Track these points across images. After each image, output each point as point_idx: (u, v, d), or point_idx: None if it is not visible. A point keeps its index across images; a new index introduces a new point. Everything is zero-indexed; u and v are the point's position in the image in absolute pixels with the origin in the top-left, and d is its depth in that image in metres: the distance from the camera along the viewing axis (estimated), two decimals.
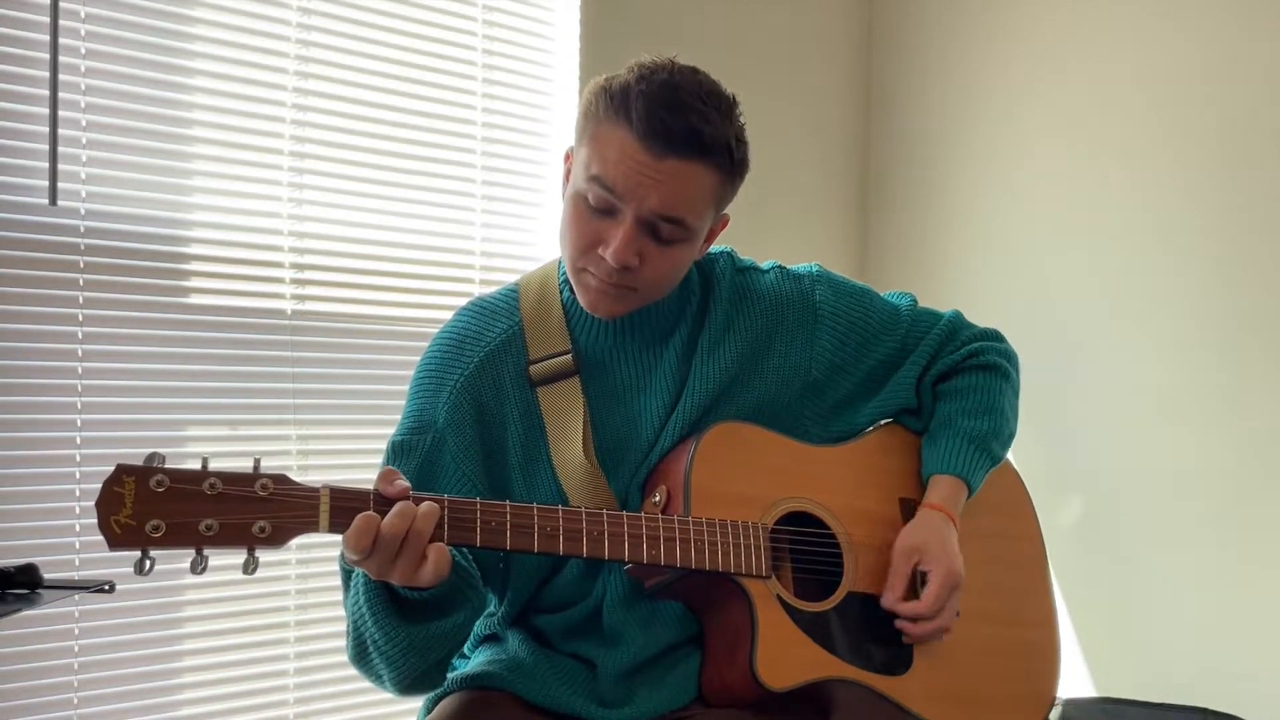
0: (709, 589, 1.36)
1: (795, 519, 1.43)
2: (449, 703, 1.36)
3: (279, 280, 2.19)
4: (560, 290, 1.46)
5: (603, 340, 1.44)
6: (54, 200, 1.83)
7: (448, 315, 1.50)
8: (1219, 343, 2.60)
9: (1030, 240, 2.91)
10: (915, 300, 1.61)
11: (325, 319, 2.24)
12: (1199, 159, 2.63)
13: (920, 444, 1.56)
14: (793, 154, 3.03)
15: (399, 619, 1.24)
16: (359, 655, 1.31)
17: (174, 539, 1.08)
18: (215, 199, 2.12)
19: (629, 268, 1.32)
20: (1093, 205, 2.80)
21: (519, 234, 2.53)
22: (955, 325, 1.60)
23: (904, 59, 3.18)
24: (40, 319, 1.91)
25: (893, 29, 3.21)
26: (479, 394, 1.40)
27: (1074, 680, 2.73)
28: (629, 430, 1.43)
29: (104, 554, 1.90)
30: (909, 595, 1.43)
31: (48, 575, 1.44)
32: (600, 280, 1.34)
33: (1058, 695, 1.57)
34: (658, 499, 1.37)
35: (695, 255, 1.42)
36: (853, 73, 3.21)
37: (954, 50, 3.07)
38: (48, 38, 1.84)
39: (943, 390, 1.58)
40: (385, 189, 2.32)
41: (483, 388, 1.40)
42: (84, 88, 1.94)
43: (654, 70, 1.32)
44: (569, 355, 1.41)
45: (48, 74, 1.84)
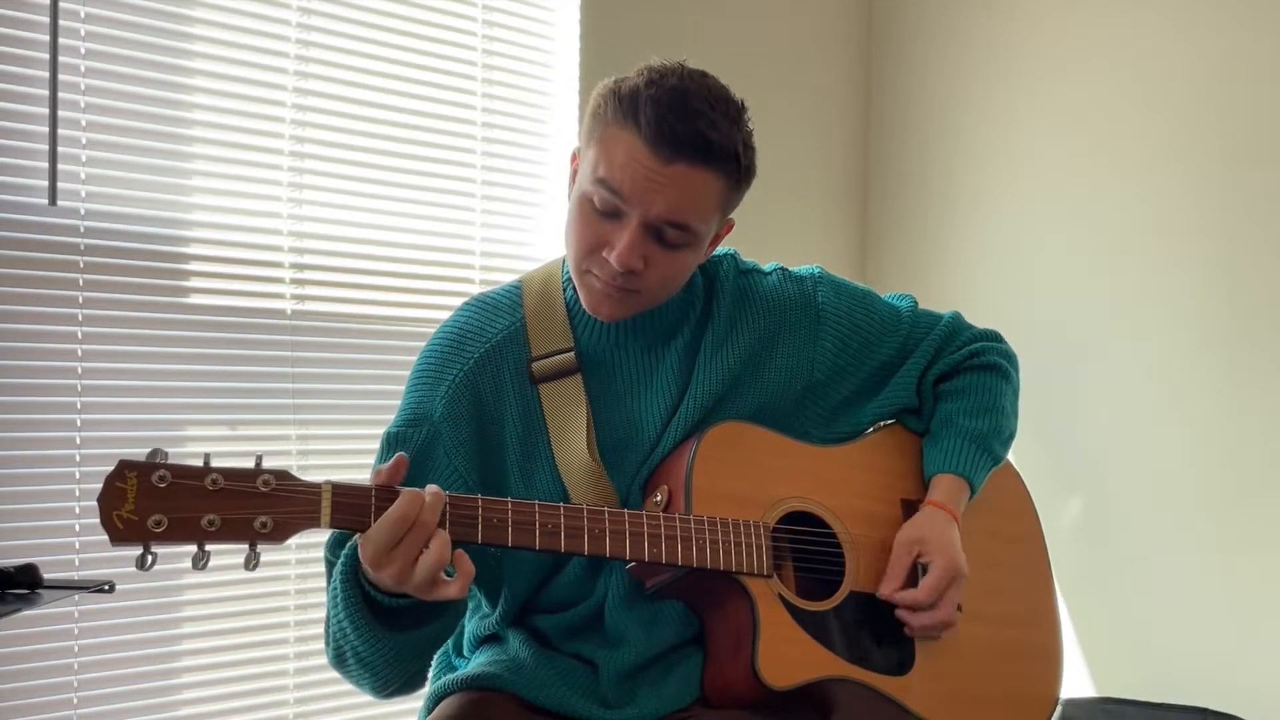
0: (710, 588, 1.36)
1: (796, 519, 1.43)
2: (449, 703, 1.36)
3: (279, 280, 2.19)
4: (563, 289, 1.46)
5: (605, 340, 1.43)
6: (54, 200, 1.83)
7: (447, 315, 1.49)
8: (1219, 342, 2.60)
9: (1030, 240, 2.91)
10: (916, 302, 1.61)
11: (325, 319, 2.24)
12: (1199, 158, 2.63)
13: (921, 444, 1.56)
14: (793, 154, 3.03)
15: (380, 626, 1.24)
16: (338, 661, 1.31)
17: (176, 534, 1.07)
18: (215, 199, 2.12)
19: (633, 271, 1.32)
20: (1093, 205, 2.80)
21: (519, 234, 2.53)
22: (955, 326, 1.60)
23: (904, 59, 3.18)
24: (40, 319, 1.91)
25: (893, 29, 3.21)
26: (478, 389, 1.39)
27: (1074, 680, 2.73)
28: (631, 430, 1.42)
29: (104, 554, 1.90)
30: (909, 588, 1.43)
31: (47, 575, 1.44)
32: (604, 282, 1.34)
33: (1060, 696, 1.57)
34: (659, 499, 1.37)
35: (700, 259, 1.42)
36: (853, 73, 3.21)
37: (954, 50, 3.07)
38: (48, 38, 1.84)
39: (943, 390, 1.58)
40: (385, 189, 2.32)
41: (482, 383, 1.40)
42: (84, 88, 1.94)
43: (663, 74, 1.31)
44: (571, 353, 1.41)
45: (48, 74, 1.84)
